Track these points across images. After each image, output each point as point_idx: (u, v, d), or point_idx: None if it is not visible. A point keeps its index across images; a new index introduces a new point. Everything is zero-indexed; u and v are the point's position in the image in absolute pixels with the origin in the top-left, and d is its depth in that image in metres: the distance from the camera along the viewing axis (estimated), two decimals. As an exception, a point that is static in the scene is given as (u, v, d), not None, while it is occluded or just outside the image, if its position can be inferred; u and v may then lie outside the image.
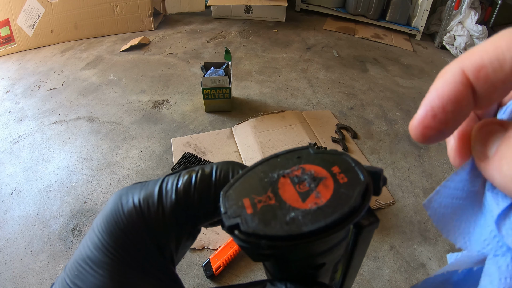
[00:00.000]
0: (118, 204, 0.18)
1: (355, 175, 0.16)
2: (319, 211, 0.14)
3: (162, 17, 2.55)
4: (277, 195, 0.15)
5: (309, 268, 0.17)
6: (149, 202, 0.17)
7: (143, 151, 1.37)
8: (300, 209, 0.14)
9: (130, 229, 0.17)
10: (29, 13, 2.11)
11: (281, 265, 0.17)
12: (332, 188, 0.15)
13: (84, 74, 1.89)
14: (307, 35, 2.40)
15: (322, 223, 0.14)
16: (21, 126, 1.51)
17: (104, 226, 0.17)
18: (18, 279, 0.95)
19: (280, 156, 0.17)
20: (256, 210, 0.15)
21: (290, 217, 0.14)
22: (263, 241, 0.14)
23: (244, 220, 0.14)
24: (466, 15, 2.15)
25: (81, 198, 1.18)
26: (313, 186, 0.15)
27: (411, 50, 2.34)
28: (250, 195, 0.15)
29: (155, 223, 0.17)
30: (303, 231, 0.14)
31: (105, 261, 0.16)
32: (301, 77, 1.90)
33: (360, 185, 0.15)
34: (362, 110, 1.67)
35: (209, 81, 1.45)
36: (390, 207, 1.19)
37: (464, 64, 0.13)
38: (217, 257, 0.96)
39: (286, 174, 0.16)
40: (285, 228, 0.14)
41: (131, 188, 0.18)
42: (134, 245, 0.17)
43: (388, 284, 0.97)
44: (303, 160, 0.17)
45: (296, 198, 0.15)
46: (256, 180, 0.16)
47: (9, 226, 1.09)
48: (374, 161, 1.38)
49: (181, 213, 0.17)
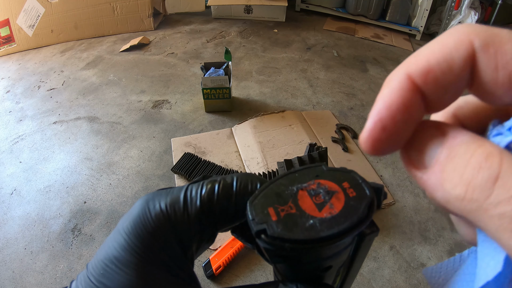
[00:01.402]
0: (146, 209, 0.19)
1: (362, 190, 0.18)
2: (333, 220, 0.17)
3: (162, 17, 2.55)
4: (297, 205, 0.18)
5: (318, 270, 0.20)
6: (175, 208, 0.19)
7: (143, 151, 1.37)
8: (317, 217, 0.17)
9: (157, 231, 0.18)
10: (29, 13, 2.11)
11: (294, 267, 0.20)
12: (343, 200, 0.18)
13: (84, 74, 1.89)
14: (307, 35, 2.40)
15: (335, 230, 0.16)
16: (21, 126, 1.51)
17: (131, 228, 0.19)
18: (18, 279, 0.95)
19: (298, 172, 0.20)
20: (280, 218, 0.17)
21: (309, 224, 0.17)
22: (287, 244, 0.16)
23: (270, 226, 0.17)
24: (466, 15, 2.15)
25: (81, 198, 1.18)
26: (327, 199, 0.18)
27: (411, 50, 2.34)
28: (274, 204, 0.18)
29: (181, 227, 0.19)
30: (321, 236, 0.16)
31: (132, 261, 0.18)
32: (301, 77, 1.90)
33: (367, 199, 0.18)
34: (362, 110, 1.67)
35: (209, 81, 1.45)
36: (390, 207, 1.19)
37: (410, 69, 0.12)
38: (217, 257, 0.96)
39: (304, 188, 0.19)
40: (305, 233, 0.16)
41: (157, 194, 0.20)
42: (161, 246, 0.18)
43: (388, 284, 0.97)
44: (318, 176, 0.19)
45: (313, 208, 0.17)
46: (278, 192, 0.19)
47: (9, 226, 1.09)
48: (374, 161, 1.38)
49: (204, 218, 0.19)
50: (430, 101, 0.12)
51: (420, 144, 0.13)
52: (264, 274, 0.97)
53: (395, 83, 0.13)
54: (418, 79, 0.12)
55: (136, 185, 1.22)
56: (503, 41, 0.11)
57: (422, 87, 0.12)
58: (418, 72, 0.12)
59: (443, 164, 0.11)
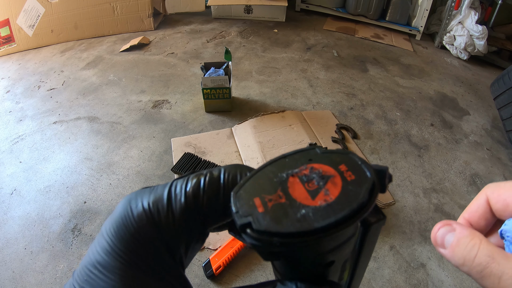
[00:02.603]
0: (128, 209, 0.18)
1: (362, 172, 0.16)
2: (328, 208, 0.15)
3: (162, 17, 2.55)
4: (287, 193, 0.15)
5: (319, 266, 0.17)
6: (158, 206, 0.17)
7: (143, 151, 1.37)
8: (310, 206, 0.15)
9: (140, 233, 0.17)
10: (29, 13, 2.11)
11: (291, 264, 0.18)
12: (340, 185, 0.16)
13: (84, 74, 1.89)
14: (307, 35, 2.40)
15: (332, 219, 0.14)
16: (21, 126, 1.51)
17: (113, 230, 0.17)
18: (18, 279, 0.95)
19: (288, 156, 0.17)
20: (267, 209, 0.15)
21: (301, 214, 0.14)
22: (275, 238, 0.14)
23: (256, 218, 0.15)
24: (466, 15, 2.15)
25: (81, 198, 1.18)
26: (321, 184, 0.16)
27: (411, 50, 2.34)
28: (261, 194, 0.16)
29: (165, 227, 0.17)
30: (315, 227, 0.14)
31: (115, 265, 0.17)
32: (301, 77, 1.90)
33: (367, 182, 0.16)
34: (362, 110, 1.67)
35: (209, 81, 1.45)
36: (390, 207, 1.19)
37: (489, 196, 0.23)
38: (217, 257, 0.96)
39: (295, 174, 0.16)
40: (296, 225, 0.14)
41: (140, 192, 0.19)
42: (145, 249, 0.17)
43: (388, 284, 0.97)
44: (311, 160, 0.17)
45: (305, 196, 0.15)
46: (266, 180, 0.16)
47: (9, 226, 1.09)
48: (374, 161, 1.37)
49: (190, 216, 0.18)
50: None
51: (443, 235, 0.21)
52: (264, 274, 0.97)
53: (478, 201, 0.25)
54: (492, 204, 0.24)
55: (136, 185, 1.22)
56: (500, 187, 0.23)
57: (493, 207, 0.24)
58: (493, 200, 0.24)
59: (453, 246, 0.20)
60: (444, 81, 2.01)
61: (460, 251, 0.19)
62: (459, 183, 1.32)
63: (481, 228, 0.24)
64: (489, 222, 0.24)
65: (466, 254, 0.19)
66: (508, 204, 0.22)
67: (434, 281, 0.99)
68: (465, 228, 0.20)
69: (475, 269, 0.19)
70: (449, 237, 0.20)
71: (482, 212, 0.24)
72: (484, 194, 0.24)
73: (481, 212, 0.24)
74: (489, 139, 1.58)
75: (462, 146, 1.51)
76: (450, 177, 1.35)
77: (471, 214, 0.24)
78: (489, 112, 1.78)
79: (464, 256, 0.19)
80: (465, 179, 1.34)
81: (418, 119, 1.65)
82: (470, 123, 1.68)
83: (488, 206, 0.24)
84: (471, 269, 0.19)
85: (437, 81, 2.00)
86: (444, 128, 1.61)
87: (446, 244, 0.20)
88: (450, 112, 1.74)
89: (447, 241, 0.20)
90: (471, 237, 0.20)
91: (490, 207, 0.23)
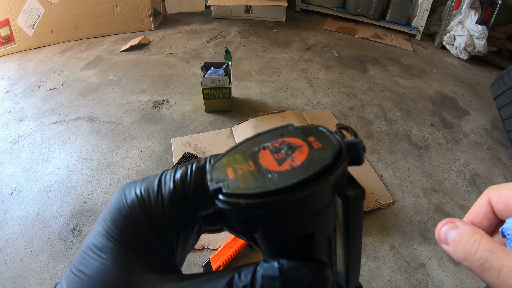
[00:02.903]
0: (122, 196, 0.19)
1: (329, 141, 0.17)
2: (293, 171, 0.15)
3: (162, 17, 2.55)
4: (256, 163, 0.17)
5: (297, 240, 0.18)
6: (149, 192, 0.19)
7: (143, 151, 1.37)
8: (276, 171, 0.16)
9: (132, 216, 0.18)
10: (29, 13, 2.11)
11: (269, 238, 0.18)
12: (307, 153, 0.16)
13: (84, 74, 1.89)
14: (307, 35, 2.40)
15: (295, 180, 0.15)
16: (21, 126, 1.51)
17: (108, 216, 0.19)
18: (18, 279, 0.95)
19: (262, 134, 0.19)
20: (237, 176, 0.16)
21: (267, 178, 0.15)
22: (242, 199, 0.15)
23: (226, 184, 0.16)
24: (466, 15, 2.15)
25: (81, 198, 1.18)
26: (289, 153, 0.17)
27: (411, 50, 2.34)
28: (233, 165, 0.17)
29: (155, 210, 0.19)
30: (278, 187, 0.15)
31: (108, 246, 0.18)
32: (301, 77, 1.90)
33: (333, 148, 0.16)
34: (362, 110, 1.67)
35: (209, 81, 1.45)
36: (390, 207, 1.19)
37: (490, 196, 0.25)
38: (217, 257, 0.96)
39: (266, 147, 0.17)
40: (261, 185, 0.15)
41: (133, 182, 0.20)
42: (135, 230, 0.18)
43: (388, 284, 0.97)
44: (282, 135, 0.18)
45: (273, 163, 0.16)
46: (240, 154, 0.18)
47: (9, 226, 1.09)
48: (374, 161, 1.38)
49: (178, 201, 0.19)
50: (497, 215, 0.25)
51: (446, 232, 0.22)
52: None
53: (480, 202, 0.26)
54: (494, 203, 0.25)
55: (136, 185, 1.22)
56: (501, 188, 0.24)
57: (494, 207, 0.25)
58: (494, 199, 0.25)
59: (456, 242, 0.21)
60: (444, 81, 2.01)
61: (462, 246, 0.20)
62: (459, 183, 1.32)
63: (484, 228, 0.25)
64: (492, 222, 0.25)
65: (467, 249, 0.20)
66: (508, 204, 0.23)
67: (434, 281, 0.99)
68: (467, 225, 0.21)
69: (476, 263, 0.19)
70: (452, 234, 0.21)
71: (485, 212, 0.25)
72: (486, 196, 0.24)
73: (483, 212, 0.25)
74: (489, 139, 1.58)
75: (462, 146, 1.51)
76: (450, 177, 1.35)
77: (474, 215, 0.25)
78: (489, 112, 1.78)
79: (466, 251, 0.20)
80: (465, 179, 1.34)
81: (418, 119, 1.65)
82: (470, 123, 1.68)
83: (490, 207, 0.24)
84: (472, 263, 0.20)
85: (437, 81, 2.00)
86: (444, 128, 1.61)
87: (449, 240, 0.21)
88: (450, 112, 1.74)
89: (450, 237, 0.21)
90: (472, 233, 0.21)
91: (492, 208, 0.24)
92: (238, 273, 0.17)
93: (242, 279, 0.16)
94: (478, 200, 0.25)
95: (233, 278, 0.17)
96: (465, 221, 0.23)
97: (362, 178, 1.28)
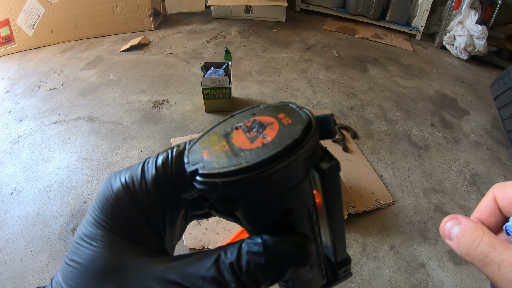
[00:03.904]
0: (108, 185, 0.20)
1: (299, 116, 0.17)
2: (264, 148, 0.16)
3: (162, 17, 2.55)
4: (230, 142, 0.17)
5: (276, 214, 0.18)
6: (133, 179, 0.20)
7: (143, 151, 1.37)
8: (248, 149, 0.16)
9: (118, 203, 0.19)
10: (29, 13, 2.11)
11: (248, 214, 0.19)
12: (277, 129, 0.17)
13: (84, 74, 1.89)
14: (307, 35, 2.40)
15: (266, 155, 0.15)
16: (21, 126, 1.51)
17: (96, 205, 0.19)
18: (18, 279, 0.95)
19: (235, 115, 0.19)
20: (212, 156, 0.17)
21: (240, 156, 0.16)
22: (217, 178, 0.16)
23: (202, 165, 0.16)
24: (466, 15, 2.15)
25: (81, 198, 1.18)
26: (261, 131, 0.17)
27: (411, 50, 2.34)
28: (208, 147, 0.18)
29: (140, 195, 0.19)
30: (250, 164, 0.15)
31: (98, 234, 0.18)
32: (301, 77, 1.90)
33: (302, 122, 0.17)
34: (362, 110, 1.67)
35: (209, 81, 1.45)
36: (390, 207, 1.19)
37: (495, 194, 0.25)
38: (217, 257, 0.96)
39: (239, 127, 0.18)
40: (234, 164, 0.16)
41: (118, 171, 0.21)
42: (123, 216, 0.19)
43: (388, 284, 0.97)
44: (254, 114, 0.19)
45: (246, 142, 0.17)
46: (214, 136, 0.18)
47: (9, 226, 1.09)
48: (374, 161, 1.38)
49: (161, 184, 0.19)
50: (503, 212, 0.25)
51: (449, 227, 0.23)
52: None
53: (485, 200, 0.26)
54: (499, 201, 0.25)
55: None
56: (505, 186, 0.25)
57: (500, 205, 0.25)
58: (499, 197, 0.25)
59: (459, 237, 0.22)
60: (444, 81, 2.01)
61: (465, 241, 0.21)
62: (459, 183, 1.32)
63: (491, 225, 0.25)
64: (499, 219, 0.25)
65: (470, 244, 0.21)
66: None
67: (434, 281, 0.99)
68: (470, 221, 0.22)
69: (477, 258, 0.20)
70: (455, 229, 0.22)
71: (491, 210, 0.25)
72: (491, 193, 0.25)
73: (490, 210, 0.25)
74: (489, 139, 1.58)
75: (462, 146, 1.51)
76: (450, 177, 1.35)
77: (480, 212, 0.26)
78: (489, 112, 1.78)
79: (468, 246, 0.21)
80: (465, 179, 1.34)
81: (418, 119, 1.65)
82: (470, 123, 1.68)
83: (495, 204, 0.25)
84: (474, 257, 0.20)
85: (437, 81, 2.00)
86: (444, 128, 1.61)
87: (453, 235, 0.22)
88: (450, 112, 1.74)
89: (453, 233, 0.22)
90: (474, 228, 0.21)
91: (498, 205, 0.25)
92: (224, 251, 0.17)
93: (228, 257, 0.17)
94: (484, 198, 0.26)
95: (219, 256, 0.17)
96: (469, 218, 0.23)
97: (362, 178, 1.28)
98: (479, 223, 0.23)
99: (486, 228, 0.21)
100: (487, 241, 0.20)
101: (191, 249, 1.01)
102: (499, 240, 0.20)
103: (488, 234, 0.21)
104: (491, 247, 0.20)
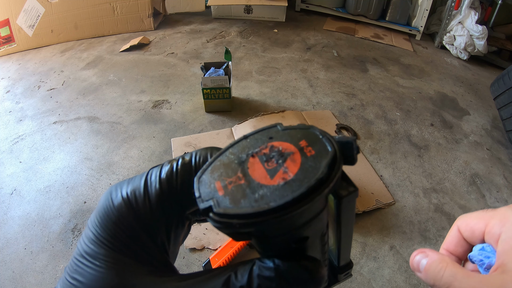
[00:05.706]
0: (109, 199, 0.19)
1: (323, 146, 0.16)
2: (286, 186, 0.14)
3: (162, 17, 2.55)
4: (246, 174, 0.15)
5: (292, 242, 0.17)
6: (136, 194, 0.19)
7: (143, 151, 1.37)
8: (269, 185, 0.15)
9: (121, 220, 0.18)
10: (29, 13, 2.11)
11: (263, 242, 0.17)
12: (300, 162, 0.15)
13: (84, 74, 1.89)
14: (307, 35, 2.40)
15: (289, 197, 0.14)
16: (21, 126, 1.51)
17: (97, 221, 0.19)
18: (18, 279, 0.95)
19: (250, 137, 0.17)
20: (227, 191, 0.15)
21: (259, 195, 0.14)
22: (235, 220, 0.14)
23: (216, 201, 0.15)
24: (466, 15, 2.15)
25: (81, 198, 1.18)
26: (281, 162, 0.15)
27: (411, 50, 2.34)
28: (222, 177, 0.16)
29: (143, 212, 0.18)
30: (271, 207, 0.14)
31: (100, 252, 0.18)
32: (301, 77, 1.90)
33: (327, 157, 0.15)
34: (362, 110, 1.67)
35: (209, 81, 1.45)
36: (390, 207, 1.19)
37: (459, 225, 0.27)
38: (217, 257, 0.96)
39: (255, 153, 0.16)
40: (254, 206, 0.14)
41: (119, 183, 0.20)
42: (126, 234, 0.18)
43: (388, 284, 0.97)
44: (271, 138, 0.17)
45: (264, 175, 0.15)
46: (227, 162, 0.16)
47: (9, 226, 1.09)
48: (374, 161, 1.38)
49: (166, 200, 0.19)
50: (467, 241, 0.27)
51: (418, 261, 0.24)
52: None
53: (452, 232, 0.28)
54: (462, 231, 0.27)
55: (136, 185, 1.22)
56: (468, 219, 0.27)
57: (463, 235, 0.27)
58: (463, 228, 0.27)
59: (426, 269, 0.24)
60: (444, 81, 2.01)
61: (431, 272, 0.23)
62: (459, 183, 1.32)
63: (459, 255, 0.27)
64: (465, 248, 0.27)
65: (435, 275, 0.23)
66: (473, 231, 0.26)
67: (434, 281, 0.99)
68: (436, 254, 0.24)
69: (443, 287, 0.22)
70: (423, 262, 0.24)
71: (457, 241, 0.27)
72: (456, 225, 0.27)
73: (456, 241, 0.27)
74: (489, 139, 1.58)
75: (462, 146, 1.51)
76: (450, 177, 1.35)
77: (448, 244, 0.28)
78: (489, 112, 1.78)
79: (434, 277, 0.23)
80: (465, 179, 1.34)
81: (418, 119, 1.65)
82: (470, 123, 1.68)
83: (460, 235, 0.27)
84: (440, 287, 0.22)
85: (437, 81, 2.00)
86: (444, 128, 1.61)
87: (421, 268, 0.24)
88: (450, 112, 1.74)
89: (422, 265, 0.24)
90: (439, 261, 0.23)
91: (462, 235, 0.27)
92: (234, 273, 0.17)
93: (238, 279, 0.17)
94: (450, 230, 0.28)
95: (229, 278, 0.17)
96: (435, 251, 0.25)
97: (362, 178, 1.28)
98: (444, 255, 0.24)
99: (450, 259, 0.23)
100: (449, 271, 0.22)
101: (191, 249, 1.02)
102: (461, 270, 0.22)
103: (452, 265, 0.22)
104: (453, 277, 0.22)
